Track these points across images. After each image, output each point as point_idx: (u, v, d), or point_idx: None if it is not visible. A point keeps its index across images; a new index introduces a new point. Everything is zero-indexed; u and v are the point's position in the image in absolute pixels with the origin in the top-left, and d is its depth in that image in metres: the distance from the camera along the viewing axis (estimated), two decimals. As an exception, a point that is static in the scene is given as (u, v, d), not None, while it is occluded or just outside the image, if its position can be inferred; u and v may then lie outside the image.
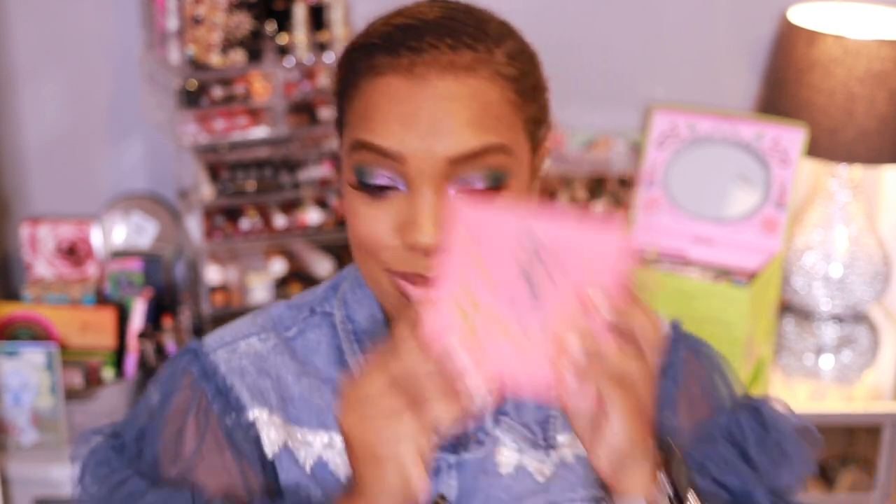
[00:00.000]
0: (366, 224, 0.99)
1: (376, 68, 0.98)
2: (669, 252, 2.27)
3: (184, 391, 1.08)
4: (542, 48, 2.70)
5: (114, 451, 1.09)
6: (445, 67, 0.96)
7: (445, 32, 0.98)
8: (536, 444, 1.09)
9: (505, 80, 0.99)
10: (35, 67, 2.40)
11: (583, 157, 2.48)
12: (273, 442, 1.08)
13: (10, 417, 2.12)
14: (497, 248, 0.88)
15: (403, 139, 0.96)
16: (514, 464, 1.09)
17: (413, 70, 0.96)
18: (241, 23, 2.20)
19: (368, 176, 0.98)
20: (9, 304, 2.26)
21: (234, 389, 1.08)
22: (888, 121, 2.22)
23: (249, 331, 1.12)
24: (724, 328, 2.11)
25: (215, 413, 1.07)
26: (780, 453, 1.10)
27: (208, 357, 1.10)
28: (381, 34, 1.00)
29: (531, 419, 1.10)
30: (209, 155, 2.25)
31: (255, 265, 2.33)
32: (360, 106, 0.99)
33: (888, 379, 2.31)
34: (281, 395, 1.09)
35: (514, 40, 1.04)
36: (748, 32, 2.48)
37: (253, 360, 1.10)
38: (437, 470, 1.08)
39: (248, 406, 1.08)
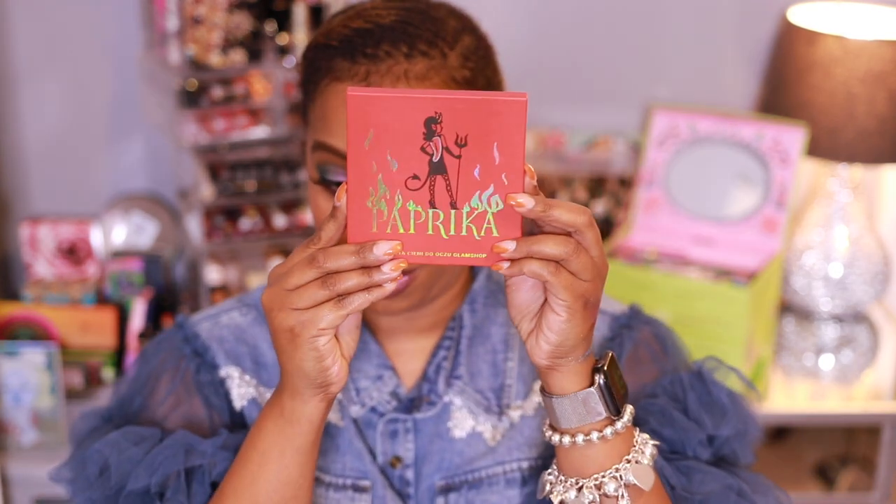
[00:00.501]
0: (321, 214, 1.09)
1: (334, 72, 1.05)
2: (669, 252, 2.27)
3: (165, 354, 1.17)
4: (543, 48, 2.71)
5: (103, 420, 1.18)
6: (399, 77, 1.03)
7: (401, 39, 1.04)
8: (490, 410, 1.14)
9: (457, 85, 1.05)
10: (35, 67, 2.40)
11: (583, 157, 2.48)
12: (242, 396, 1.15)
13: (10, 417, 2.12)
14: (401, 130, 0.87)
15: None
16: (469, 430, 1.14)
17: (369, 79, 1.03)
18: (241, 23, 2.20)
19: (328, 173, 1.07)
20: (9, 304, 2.27)
21: (211, 351, 1.17)
22: (888, 121, 2.22)
23: (232, 306, 1.22)
24: (724, 328, 2.11)
25: (190, 370, 1.16)
26: (719, 409, 1.12)
27: (191, 327, 1.19)
28: (341, 37, 1.06)
29: (486, 386, 1.15)
30: (209, 155, 2.25)
31: (255, 265, 2.33)
32: (319, 108, 1.07)
33: (888, 379, 2.31)
34: (255, 360, 1.17)
35: (469, 37, 1.08)
36: (748, 32, 2.48)
37: (233, 330, 1.19)
38: (394, 433, 1.14)
39: (221, 365, 1.17)
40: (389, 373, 1.16)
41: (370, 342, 1.16)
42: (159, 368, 1.17)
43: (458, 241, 0.89)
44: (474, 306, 1.17)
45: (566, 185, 2.47)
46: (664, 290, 2.15)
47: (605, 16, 2.46)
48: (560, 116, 2.50)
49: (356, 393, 1.15)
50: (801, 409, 2.20)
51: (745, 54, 2.49)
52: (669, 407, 1.11)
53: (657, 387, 1.14)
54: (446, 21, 1.07)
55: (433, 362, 1.16)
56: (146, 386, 1.17)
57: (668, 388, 1.13)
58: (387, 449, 1.14)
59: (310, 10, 2.24)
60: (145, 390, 1.17)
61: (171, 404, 1.15)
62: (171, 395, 1.15)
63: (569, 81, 2.50)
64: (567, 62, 2.49)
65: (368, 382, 1.15)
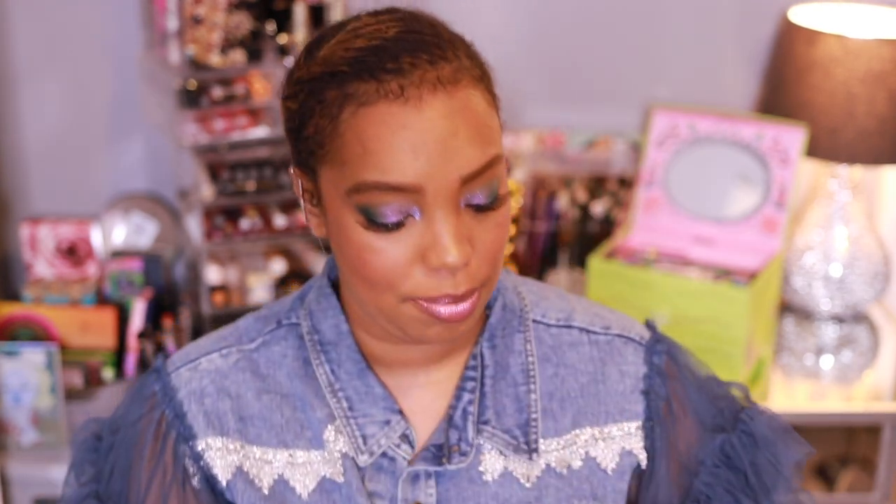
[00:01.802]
0: (381, 259, 0.96)
1: (359, 98, 0.94)
2: (669, 252, 2.27)
3: (146, 417, 1.10)
4: (543, 48, 2.71)
5: (93, 454, 1.12)
6: (435, 85, 0.94)
7: (417, 48, 0.95)
8: (519, 449, 1.08)
9: (479, 82, 0.98)
10: (35, 67, 2.40)
11: (583, 157, 2.48)
12: (226, 468, 1.08)
13: (10, 417, 2.12)
14: None
15: (416, 169, 0.93)
16: (500, 470, 1.08)
17: (405, 93, 0.93)
18: (241, 23, 2.20)
19: (380, 216, 0.95)
20: (9, 304, 2.27)
21: (188, 417, 1.09)
22: (888, 121, 2.22)
23: (213, 346, 1.12)
24: (724, 328, 2.11)
25: (172, 439, 1.09)
26: (775, 472, 1.12)
27: (170, 377, 1.11)
28: (348, 61, 0.96)
29: (512, 423, 1.09)
30: (209, 155, 2.25)
31: (255, 265, 2.33)
32: (351, 142, 0.95)
33: (888, 379, 2.31)
34: (240, 416, 1.09)
35: (458, 37, 1.01)
36: (748, 32, 2.48)
37: (213, 378, 1.10)
38: (415, 477, 1.07)
39: (199, 434, 1.09)
40: (397, 417, 1.07)
41: (374, 385, 1.07)
42: (142, 434, 1.10)
43: None
44: (493, 342, 1.10)
45: (566, 185, 2.47)
46: (664, 290, 2.14)
47: (605, 16, 2.46)
48: (560, 116, 2.50)
49: (363, 441, 1.07)
50: (801, 409, 2.20)
51: (745, 54, 2.49)
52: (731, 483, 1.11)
53: (706, 453, 1.13)
54: (436, 25, 1.01)
55: (458, 406, 1.08)
56: (130, 454, 1.10)
57: (721, 456, 1.12)
58: (407, 495, 1.07)
59: (310, 10, 2.24)
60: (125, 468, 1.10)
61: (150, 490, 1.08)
62: (150, 478, 1.08)
63: (569, 81, 2.50)
64: (567, 62, 2.49)
65: (376, 428, 1.07)
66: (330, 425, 1.07)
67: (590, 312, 1.15)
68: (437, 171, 0.94)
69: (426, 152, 0.93)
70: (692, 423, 1.13)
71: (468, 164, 0.95)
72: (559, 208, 2.46)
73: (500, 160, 0.98)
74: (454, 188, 0.95)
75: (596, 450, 1.10)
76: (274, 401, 1.09)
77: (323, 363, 1.08)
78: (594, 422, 1.11)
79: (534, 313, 1.13)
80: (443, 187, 0.94)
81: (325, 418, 1.07)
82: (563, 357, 1.12)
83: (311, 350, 1.09)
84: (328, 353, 1.08)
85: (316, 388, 1.08)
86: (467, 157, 0.95)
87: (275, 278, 2.33)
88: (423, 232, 0.96)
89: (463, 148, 0.94)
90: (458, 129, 0.94)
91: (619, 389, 1.12)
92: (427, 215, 0.95)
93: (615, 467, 1.11)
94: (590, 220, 2.47)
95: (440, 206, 0.95)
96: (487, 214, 0.98)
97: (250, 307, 2.29)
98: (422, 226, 0.96)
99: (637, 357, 1.13)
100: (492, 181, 0.97)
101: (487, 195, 0.97)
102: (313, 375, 1.08)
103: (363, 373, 1.07)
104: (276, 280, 2.33)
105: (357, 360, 1.07)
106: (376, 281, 0.98)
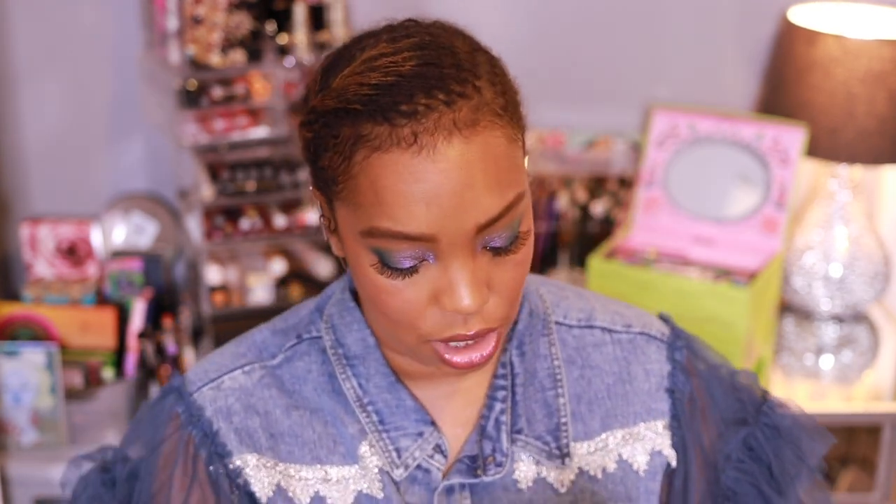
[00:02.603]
0: (397, 300, 0.95)
1: (372, 142, 0.91)
2: (669, 252, 2.27)
3: (171, 438, 1.07)
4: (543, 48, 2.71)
5: (104, 488, 1.09)
6: (451, 131, 0.90)
7: (433, 86, 0.91)
8: (552, 455, 1.08)
9: (500, 118, 0.94)
10: (35, 67, 2.40)
11: (583, 157, 2.48)
12: (266, 486, 1.06)
13: (10, 417, 2.12)
14: None
15: (430, 220, 0.91)
16: (533, 477, 1.08)
17: (419, 142, 0.90)
18: (241, 23, 2.20)
19: (394, 262, 0.94)
20: (9, 304, 2.26)
21: (220, 434, 1.06)
22: (888, 121, 2.22)
23: (234, 363, 1.09)
24: (724, 328, 2.11)
25: (203, 459, 1.06)
26: (799, 463, 1.13)
27: (193, 397, 1.07)
28: (362, 98, 0.92)
29: (543, 429, 1.08)
30: (209, 155, 2.25)
31: (255, 265, 2.33)
32: (364, 187, 0.92)
33: (888, 379, 2.31)
34: (270, 433, 1.07)
35: (481, 55, 0.97)
36: (748, 32, 2.48)
37: (239, 396, 1.07)
38: (449, 490, 1.07)
39: (234, 452, 1.06)
40: (430, 429, 1.06)
41: (406, 397, 1.06)
42: (168, 457, 1.06)
43: None
44: (522, 349, 1.09)
45: (566, 185, 2.47)
46: (664, 290, 2.14)
47: (605, 16, 2.46)
48: (560, 116, 2.50)
49: (397, 454, 1.06)
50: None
51: (745, 54, 2.49)
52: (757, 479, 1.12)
53: (731, 447, 1.13)
54: (456, 46, 0.96)
55: (490, 416, 1.07)
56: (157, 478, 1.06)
57: (745, 450, 1.13)
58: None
59: (310, 10, 2.24)
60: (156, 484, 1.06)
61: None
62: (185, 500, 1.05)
63: (569, 81, 2.50)
64: (567, 62, 2.49)
65: (409, 441, 1.06)
66: (363, 441, 1.06)
67: (609, 311, 1.15)
68: (451, 221, 0.91)
69: (440, 204, 0.91)
70: (715, 418, 1.13)
71: (485, 214, 0.92)
72: (559, 208, 2.46)
73: (522, 198, 0.95)
74: (470, 236, 0.93)
75: (627, 451, 1.10)
76: (304, 417, 1.07)
77: (350, 377, 1.07)
78: (623, 423, 1.11)
79: (555, 315, 1.12)
80: (458, 236, 0.92)
81: (358, 434, 1.06)
82: (587, 359, 1.12)
83: (336, 364, 1.07)
84: (355, 367, 1.07)
85: (344, 403, 1.07)
86: (484, 206, 0.92)
87: (275, 278, 2.33)
88: (439, 276, 0.94)
89: (480, 197, 0.91)
90: (474, 178, 0.91)
91: (644, 388, 1.12)
92: (442, 261, 0.94)
93: (647, 468, 1.11)
94: (590, 220, 2.47)
95: (455, 253, 0.93)
96: (507, 255, 0.96)
97: (250, 307, 2.29)
98: (437, 270, 0.94)
99: (660, 355, 1.13)
100: (512, 223, 0.94)
101: (507, 238, 0.95)
102: (340, 391, 1.07)
103: (393, 386, 1.06)
104: (276, 280, 2.34)
105: (387, 374, 1.06)
106: (396, 320, 0.97)
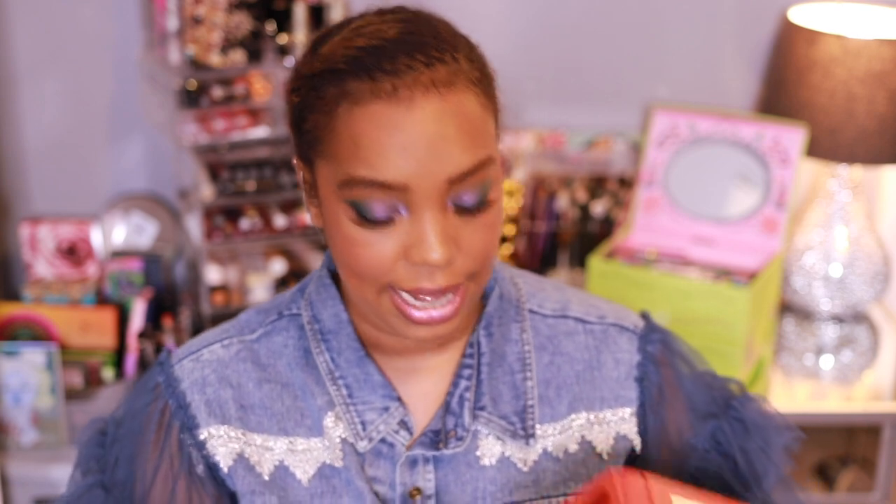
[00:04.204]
0: (368, 252, 1.00)
1: (353, 96, 0.97)
2: (669, 252, 2.27)
3: (151, 406, 1.12)
4: (543, 48, 2.70)
5: (97, 448, 1.14)
6: (428, 87, 0.97)
7: (415, 49, 0.98)
8: (516, 435, 1.11)
9: (475, 86, 1.00)
10: (35, 67, 2.40)
11: (583, 157, 2.48)
12: (227, 455, 1.10)
13: (10, 417, 2.12)
14: None
15: (403, 168, 0.96)
16: (497, 455, 1.10)
17: (397, 94, 0.96)
18: (241, 23, 2.20)
19: (369, 211, 0.98)
20: (9, 304, 2.27)
21: (192, 407, 1.11)
22: (888, 121, 2.22)
23: (215, 338, 1.15)
24: (724, 328, 2.11)
25: (176, 429, 1.10)
26: (766, 458, 1.12)
27: (173, 368, 1.13)
28: (347, 58, 0.98)
29: (510, 410, 1.11)
30: (209, 155, 2.25)
31: (255, 265, 2.33)
32: (345, 138, 0.98)
33: (888, 379, 2.31)
34: (241, 404, 1.11)
35: (461, 38, 1.03)
36: (748, 32, 2.48)
37: (215, 367, 1.12)
38: (412, 462, 1.09)
39: (202, 424, 1.10)
40: (396, 404, 1.09)
41: (373, 372, 1.10)
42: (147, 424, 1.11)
43: None
44: (490, 330, 1.12)
45: (566, 185, 2.47)
46: (664, 290, 2.15)
47: (605, 16, 2.46)
48: (560, 116, 2.50)
49: (362, 427, 1.09)
50: (801, 409, 2.20)
51: (745, 54, 2.49)
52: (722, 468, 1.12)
53: (698, 438, 1.14)
54: (439, 26, 1.03)
55: (455, 393, 1.10)
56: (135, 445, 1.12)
57: (711, 442, 1.13)
58: (405, 480, 1.09)
59: (310, 10, 2.24)
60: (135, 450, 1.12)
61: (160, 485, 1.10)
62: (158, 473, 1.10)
63: (569, 81, 2.50)
64: (567, 62, 2.49)
65: (374, 415, 1.09)
66: (330, 412, 1.09)
67: (585, 303, 1.18)
68: (424, 171, 0.96)
69: (414, 153, 0.96)
70: (684, 409, 1.15)
71: (456, 166, 0.97)
72: (559, 208, 2.46)
73: (492, 163, 1.00)
74: (441, 188, 0.97)
75: (591, 434, 1.13)
76: (274, 390, 1.11)
77: (323, 351, 1.10)
78: (589, 407, 1.13)
79: (530, 304, 1.15)
80: (430, 187, 0.97)
81: (325, 405, 1.09)
82: (558, 346, 1.14)
83: (311, 339, 1.11)
84: (328, 342, 1.11)
85: (316, 376, 1.10)
86: (456, 158, 0.97)
87: (275, 278, 2.33)
88: (410, 229, 0.98)
89: (452, 150, 0.97)
90: (448, 131, 0.96)
91: (613, 376, 1.14)
92: (414, 213, 0.98)
93: (610, 451, 1.13)
94: (590, 220, 2.47)
95: (427, 205, 0.97)
96: (476, 216, 1.00)
97: (250, 307, 2.29)
98: (409, 223, 0.98)
99: (631, 345, 1.16)
100: (481, 183, 0.99)
101: (476, 197, 0.99)
102: (314, 364, 1.11)
103: (362, 360, 1.09)
104: (276, 280, 2.34)
105: (356, 348, 1.10)
106: (362, 273, 1.01)
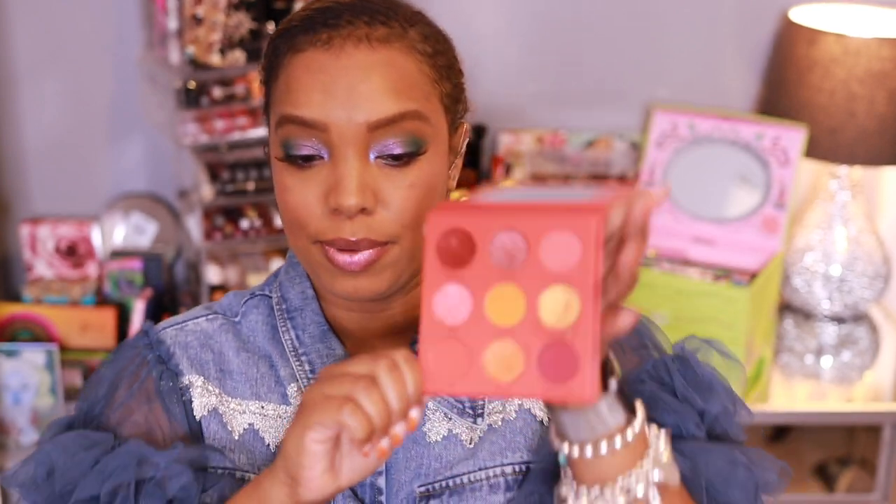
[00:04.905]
0: (293, 195, 1.03)
1: (296, 46, 1.03)
2: (669, 252, 2.27)
3: (127, 360, 1.14)
4: (543, 48, 2.70)
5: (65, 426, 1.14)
6: (361, 39, 1.01)
7: (362, 11, 1.03)
8: (464, 413, 1.11)
9: (419, 55, 1.03)
10: (35, 67, 2.40)
11: (583, 157, 2.48)
12: (203, 405, 1.12)
13: (10, 417, 2.12)
14: (474, 256, 0.86)
15: (324, 108, 1.00)
16: (444, 433, 1.10)
17: (331, 42, 1.01)
18: (240, 23, 2.20)
19: (294, 148, 1.02)
20: (9, 304, 2.27)
21: (175, 357, 1.14)
22: (888, 121, 2.22)
23: (199, 313, 1.18)
24: (724, 328, 2.11)
25: (153, 376, 1.12)
26: (706, 386, 1.10)
27: (157, 334, 1.16)
28: (302, 17, 1.05)
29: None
30: (209, 155, 2.25)
31: (255, 265, 2.33)
32: (283, 82, 1.04)
33: (888, 379, 2.31)
34: (220, 368, 1.14)
35: (426, 25, 1.07)
36: (749, 32, 2.48)
37: (198, 336, 1.15)
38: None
39: (185, 372, 1.13)
40: None
41: (336, 346, 1.12)
42: (120, 374, 1.14)
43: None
44: None
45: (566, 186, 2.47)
46: (664, 290, 2.15)
47: (605, 16, 2.46)
48: (560, 116, 2.50)
49: None
50: (801, 409, 2.20)
51: (745, 54, 2.49)
52: (658, 391, 1.09)
53: (641, 373, 1.12)
54: (403, 6, 1.07)
55: None
56: (106, 392, 1.14)
57: (652, 373, 1.11)
58: None
59: (310, 10, 2.24)
60: (105, 396, 1.14)
61: (127, 411, 1.11)
62: (128, 402, 1.12)
63: (569, 81, 2.50)
64: (567, 62, 2.49)
65: None
66: (294, 383, 1.11)
67: None
68: (344, 112, 1.00)
69: (335, 94, 1.00)
70: (634, 358, 1.14)
71: (376, 111, 1.00)
72: (559, 208, 2.46)
73: (420, 118, 1.02)
74: (361, 133, 1.00)
75: (530, 401, 1.12)
76: (251, 359, 1.14)
77: (289, 329, 1.13)
78: None
79: None
80: (349, 129, 1.00)
81: (289, 377, 1.11)
82: None
83: (278, 318, 1.14)
84: (294, 320, 1.13)
85: (281, 351, 1.12)
86: (377, 104, 1.00)
87: (275, 278, 2.33)
88: (330, 173, 1.01)
89: (373, 95, 1.00)
90: (371, 78, 1.00)
91: None
92: (334, 157, 1.01)
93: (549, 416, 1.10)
94: (590, 220, 2.47)
95: (346, 149, 1.00)
96: (401, 170, 1.02)
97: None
98: (329, 167, 1.02)
99: None
100: (406, 134, 1.01)
101: (400, 148, 1.01)
102: (280, 340, 1.13)
103: (325, 335, 1.11)
104: (276, 280, 2.33)
105: (320, 323, 1.12)
106: (291, 221, 1.04)
